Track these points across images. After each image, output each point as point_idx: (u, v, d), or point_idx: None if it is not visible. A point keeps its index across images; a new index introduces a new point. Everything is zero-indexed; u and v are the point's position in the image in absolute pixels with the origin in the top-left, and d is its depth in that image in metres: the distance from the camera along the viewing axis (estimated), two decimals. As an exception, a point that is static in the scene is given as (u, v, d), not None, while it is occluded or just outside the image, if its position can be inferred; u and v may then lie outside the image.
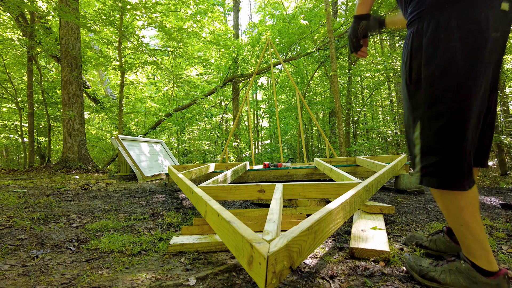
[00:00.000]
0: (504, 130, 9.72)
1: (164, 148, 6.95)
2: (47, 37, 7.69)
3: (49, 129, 8.37)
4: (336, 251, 1.34)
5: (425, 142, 0.96)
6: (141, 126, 12.96)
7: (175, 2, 8.63)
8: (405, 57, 1.00)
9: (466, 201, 0.92)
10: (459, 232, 0.96)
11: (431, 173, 0.95)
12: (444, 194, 0.95)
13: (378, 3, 7.71)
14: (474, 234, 0.93)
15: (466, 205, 0.92)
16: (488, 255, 0.93)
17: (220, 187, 1.71)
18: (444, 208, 0.98)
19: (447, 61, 0.89)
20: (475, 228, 0.93)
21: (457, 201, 0.93)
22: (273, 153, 13.62)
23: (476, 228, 0.93)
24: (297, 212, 1.81)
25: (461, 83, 0.88)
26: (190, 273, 1.10)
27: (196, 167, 3.00)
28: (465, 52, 0.87)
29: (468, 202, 0.92)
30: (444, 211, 0.99)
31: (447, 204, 0.96)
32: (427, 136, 0.95)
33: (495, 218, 2.05)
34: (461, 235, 0.96)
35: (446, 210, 0.97)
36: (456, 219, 0.95)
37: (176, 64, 11.44)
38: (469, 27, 0.87)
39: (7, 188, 3.40)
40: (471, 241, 0.94)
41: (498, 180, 7.01)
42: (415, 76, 0.97)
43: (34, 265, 1.21)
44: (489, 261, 0.93)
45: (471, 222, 0.92)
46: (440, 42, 0.90)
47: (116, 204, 2.54)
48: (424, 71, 0.94)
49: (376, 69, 10.58)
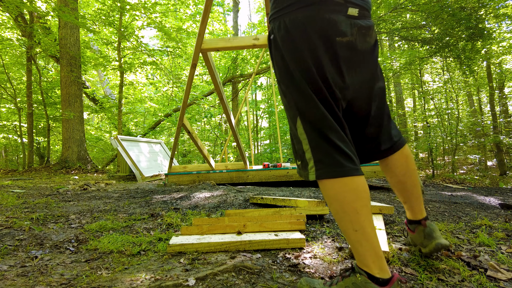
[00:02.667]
0: (503, 130, 9.73)
1: (163, 148, 6.95)
2: (46, 37, 7.68)
3: (48, 129, 8.36)
4: (335, 251, 1.34)
5: (310, 136, 0.94)
6: (141, 126, 12.94)
7: (174, 2, 8.64)
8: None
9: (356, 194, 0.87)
10: (355, 238, 0.87)
11: (320, 167, 0.92)
12: (335, 185, 0.89)
13: (378, 3, 7.72)
14: (369, 240, 0.86)
15: (357, 198, 0.87)
16: (381, 262, 0.86)
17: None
18: (337, 207, 0.89)
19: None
20: (370, 233, 0.86)
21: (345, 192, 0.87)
22: (273, 153, 13.61)
23: (371, 233, 0.86)
24: (297, 212, 1.81)
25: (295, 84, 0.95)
26: (189, 274, 1.10)
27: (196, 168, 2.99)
28: (310, 52, 0.92)
29: (359, 196, 0.87)
30: (338, 215, 0.89)
31: (336, 195, 0.89)
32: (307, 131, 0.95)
33: (494, 218, 2.05)
34: (356, 242, 0.87)
35: (341, 207, 0.88)
36: (351, 224, 0.87)
37: (175, 64, 11.44)
38: (293, 31, 0.93)
39: (6, 189, 3.39)
40: (367, 248, 0.86)
41: (497, 180, 7.02)
42: (280, 66, 1.00)
43: (33, 266, 1.20)
44: (382, 269, 0.86)
45: (366, 227, 0.86)
46: (293, 39, 0.94)
47: (116, 204, 2.54)
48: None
49: (376, 69, 10.57)
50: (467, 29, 6.29)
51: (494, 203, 2.94)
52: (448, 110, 9.50)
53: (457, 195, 3.64)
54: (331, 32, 0.92)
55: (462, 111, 12.42)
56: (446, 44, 6.77)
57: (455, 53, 6.86)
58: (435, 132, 9.13)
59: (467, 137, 9.93)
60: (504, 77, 9.87)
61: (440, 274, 1.11)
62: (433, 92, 9.85)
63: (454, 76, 10.31)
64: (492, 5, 6.35)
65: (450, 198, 3.25)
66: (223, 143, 12.61)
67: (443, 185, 5.40)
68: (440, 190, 4.37)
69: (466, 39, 6.53)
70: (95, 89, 12.01)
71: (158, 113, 11.22)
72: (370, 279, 0.85)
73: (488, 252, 1.34)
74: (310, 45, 0.92)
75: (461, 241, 1.50)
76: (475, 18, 6.19)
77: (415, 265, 1.18)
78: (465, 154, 11.29)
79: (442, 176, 7.38)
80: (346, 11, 0.92)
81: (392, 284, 0.84)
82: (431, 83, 10.43)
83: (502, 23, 8.07)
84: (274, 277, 1.08)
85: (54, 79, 9.29)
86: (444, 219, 2.01)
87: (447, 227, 1.75)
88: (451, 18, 6.22)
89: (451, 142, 8.88)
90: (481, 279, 1.07)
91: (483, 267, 1.16)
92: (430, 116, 9.76)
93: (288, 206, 2.09)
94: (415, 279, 1.06)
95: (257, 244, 1.35)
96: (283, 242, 1.37)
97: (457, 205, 2.64)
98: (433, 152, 8.59)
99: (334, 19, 0.91)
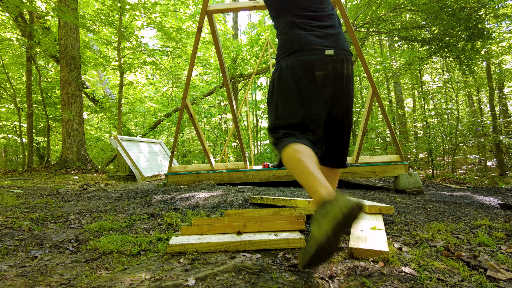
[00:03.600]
0: (503, 130, 9.73)
1: (163, 149, 6.95)
2: (46, 37, 7.68)
3: (48, 129, 8.35)
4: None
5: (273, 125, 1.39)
6: (140, 126, 12.94)
7: (174, 3, 8.64)
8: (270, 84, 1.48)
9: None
10: (304, 177, 1.13)
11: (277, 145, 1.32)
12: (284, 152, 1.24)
13: (378, 3, 7.72)
14: (314, 175, 1.11)
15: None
16: (327, 188, 1.07)
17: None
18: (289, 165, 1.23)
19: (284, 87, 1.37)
20: (314, 171, 1.12)
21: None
22: (273, 153, 13.60)
23: (315, 171, 1.12)
24: (297, 212, 1.81)
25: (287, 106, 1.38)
26: (189, 274, 1.10)
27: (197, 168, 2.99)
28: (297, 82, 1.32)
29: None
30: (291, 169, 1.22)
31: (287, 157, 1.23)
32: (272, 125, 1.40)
33: (494, 218, 2.06)
34: (306, 181, 1.12)
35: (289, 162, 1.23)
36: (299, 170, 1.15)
37: (175, 64, 11.43)
38: (286, 71, 1.34)
39: (6, 189, 3.39)
40: (314, 179, 1.10)
41: (497, 180, 7.02)
42: (270, 94, 1.44)
43: (33, 266, 1.20)
44: (330, 193, 1.05)
45: (310, 167, 1.13)
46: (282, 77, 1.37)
47: (115, 204, 2.54)
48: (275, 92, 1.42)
49: (375, 69, 10.59)
50: (467, 29, 6.29)
51: (493, 203, 2.94)
52: (448, 110, 9.51)
53: (457, 195, 3.64)
54: (310, 68, 1.29)
55: (462, 111, 12.43)
56: (446, 44, 6.77)
57: (455, 53, 6.86)
58: (435, 132, 9.14)
59: (467, 137, 9.93)
60: (504, 77, 9.88)
61: (440, 274, 1.11)
62: (433, 92, 9.86)
63: (454, 76, 10.31)
64: (492, 5, 6.36)
65: (450, 198, 3.25)
66: (223, 143, 12.60)
67: (443, 185, 5.40)
68: (440, 190, 4.37)
69: (466, 39, 6.53)
70: (95, 89, 12.00)
71: (158, 113, 11.22)
72: (324, 203, 1.02)
73: (488, 252, 1.34)
74: (297, 78, 1.31)
75: (461, 241, 1.50)
76: (475, 18, 6.20)
77: (415, 265, 1.18)
78: (464, 154, 11.30)
79: (442, 176, 7.39)
80: (323, 53, 1.29)
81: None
82: (431, 83, 10.44)
83: (502, 23, 8.08)
84: (274, 277, 1.08)
85: (53, 79, 9.29)
86: (444, 219, 2.01)
87: (447, 227, 1.75)
88: (451, 18, 6.22)
89: (451, 142, 8.88)
90: (480, 279, 1.07)
91: (483, 267, 1.16)
92: (430, 116, 9.76)
93: (288, 206, 2.09)
94: (415, 279, 1.06)
95: (257, 244, 1.35)
96: (283, 242, 1.37)
97: (457, 205, 2.65)
98: (433, 152, 8.59)
99: (312, 60, 1.29)
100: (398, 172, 3.58)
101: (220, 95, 13.81)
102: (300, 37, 1.33)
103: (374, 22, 8.19)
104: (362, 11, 8.17)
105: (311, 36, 1.32)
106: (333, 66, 1.31)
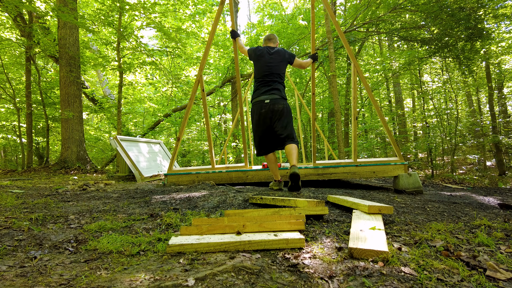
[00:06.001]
0: (502, 130, 9.75)
1: (162, 149, 6.94)
2: (45, 37, 7.67)
3: (48, 129, 8.34)
4: (335, 251, 1.34)
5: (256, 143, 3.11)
6: (140, 126, 12.93)
7: (173, 3, 8.63)
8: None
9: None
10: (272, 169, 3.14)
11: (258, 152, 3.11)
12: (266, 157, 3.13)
13: (377, 4, 7.72)
14: (275, 169, 3.11)
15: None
16: (278, 174, 3.15)
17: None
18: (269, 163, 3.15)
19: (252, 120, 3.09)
20: (275, 167, 3.10)
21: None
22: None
23: (276, 168, 3.10)
24: (296, 212, 1.81)
25: (254, 128, 3.07)
26: (189, 274, 1.10)
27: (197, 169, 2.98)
28: (254, 118, 3.03)
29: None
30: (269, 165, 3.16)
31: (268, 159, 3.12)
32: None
33: (493, 218, 2.06)
34: (273, 170, 3.13)
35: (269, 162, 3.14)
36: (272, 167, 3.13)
37: (174, 64, 11.43)
38: (252, 109, 3.03)
39: (5, 189, 3.39)
40: (274, 171, 3.13)
41: (496, 180, 7.03)
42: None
43: (32, 266, 1.20)
44: (277, 176, 3.16)
45: (274, 167, 3.10)
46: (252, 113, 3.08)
47: (115, 204, 2.54)
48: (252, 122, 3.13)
49: (375, 70, 10.59)
50: (466, 29, 6.30)
51: (493, 203, 2.94)
52: (447, 110, 9.51)
53: (456, 195, 3.64)
54: (259, 109, 2.94)
55: (461, 111, 12.44)
56: (445, 44, 6.78)
57: (454, 53, 6.87)
58: (434, 132, 9.14)
59: (466, 137, 9.95)
60: (503, 77, 9.90)
61: (440, 274, 1.11)
62: (432, 92, 9.87)
63: (453, 76, 10.32)
64: (491, 5, 6.36)
65: (449, 198, 3.25)
66: (222, 143, 12.59)
67: (442, 185, 5.40)
68: (440, 190, 4.37)
69: (465, 39, 6.54)
70: (94, 89, 11.99)
71: (157, 113, 11.21)
72: (275, 180, 3.18)
73: (487, 252, 1.34)
74: (255, 115, 2.99)
75: (460, 241, 1.50)
76: (474, 18, 6.21)
77: (414, 265, 1.18)
78: (464, 154, 11.31)
79: (442, 176, 7.39)
80: (264, 101, 2.92)
81: (281, 180, 3.18)
82: (430, 83, 10.44)
83: (501, 23, 8.08)
84: (273, 277, 1.08)
85: (53, 79, 9.27)
86: (443, 219, 2.02)
87: (446, 227, 1.76)
88: (450, 18, 6.23)
89: (450, 142, 8.89)
90: (480, 279, 1.07)
91: (482, 267, 1.17)
92: (429, 116, 9.77)
93: (287, 206, 2.09)
94: (415, 279, 1.06)
95: (256, 244, 1.35)
96: (282, 242, 1.37)
97: (456, 205, 2.65)
98: (432, 152, 8.60)
99: (261, 104, 2.93)
100: (397, 172, 3.58)
101: (220, 95, 13.81)
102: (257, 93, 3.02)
103: (373, 22, 8.20)
104: (361, 11, 8.18)
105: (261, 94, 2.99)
106: (269, 107, 2.91)
